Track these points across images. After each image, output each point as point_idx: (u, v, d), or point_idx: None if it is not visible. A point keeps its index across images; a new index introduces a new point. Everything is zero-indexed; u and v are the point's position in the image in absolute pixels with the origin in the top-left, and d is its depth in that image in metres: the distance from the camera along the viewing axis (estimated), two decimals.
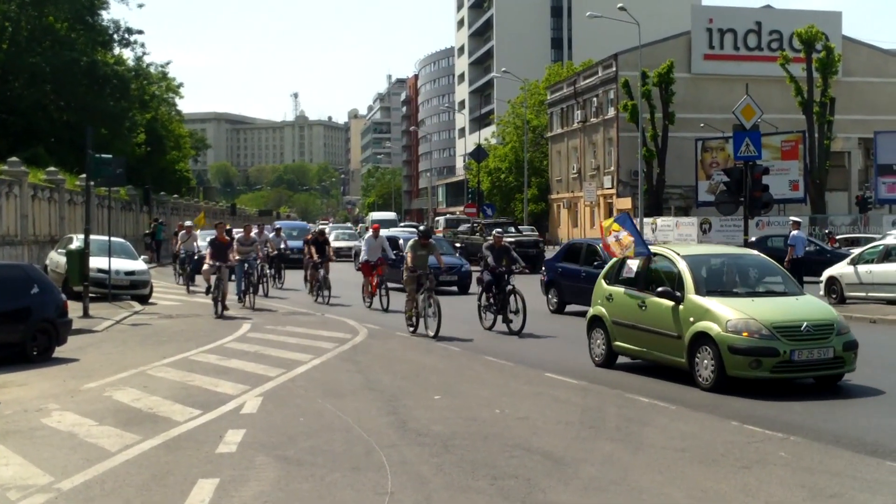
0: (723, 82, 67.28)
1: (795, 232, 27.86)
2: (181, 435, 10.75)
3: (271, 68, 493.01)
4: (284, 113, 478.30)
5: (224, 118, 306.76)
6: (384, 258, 26.53)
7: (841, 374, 13.68)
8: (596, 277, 17.20)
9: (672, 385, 13.89)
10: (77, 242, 26.97)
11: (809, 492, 8.45)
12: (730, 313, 13.31)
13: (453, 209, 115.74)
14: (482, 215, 73.33)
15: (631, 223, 15.96)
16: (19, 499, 8.33)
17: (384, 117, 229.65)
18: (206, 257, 25.62)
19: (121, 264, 28.31)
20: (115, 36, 61.24)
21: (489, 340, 19.39)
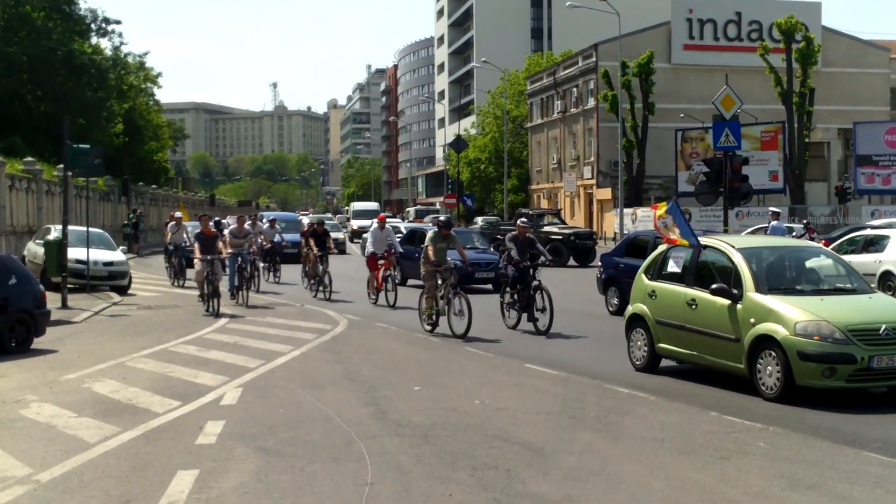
0: (703, 73, 67.35)
1: (775, 222, 27.94)
2: (160, 426, 10.71)
3: (250, 58, 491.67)
4: (263, 103, 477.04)
5: (203, 108, 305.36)
6: (391, 250, 24.60)
7: None
8: None
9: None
10: (55, 233, 26.84)
11: (788, 482, 8.49)
12: (798, 314, 11.86)
13: (433, 199, 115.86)
14: (461, 206, 73.47)
15: (679, 212, 14.55)
16: None
17: (364, 107, 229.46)
18: (195, 252, 23.21)
19: (99, 255, 28.17)
20: (93, 25, 61.09)
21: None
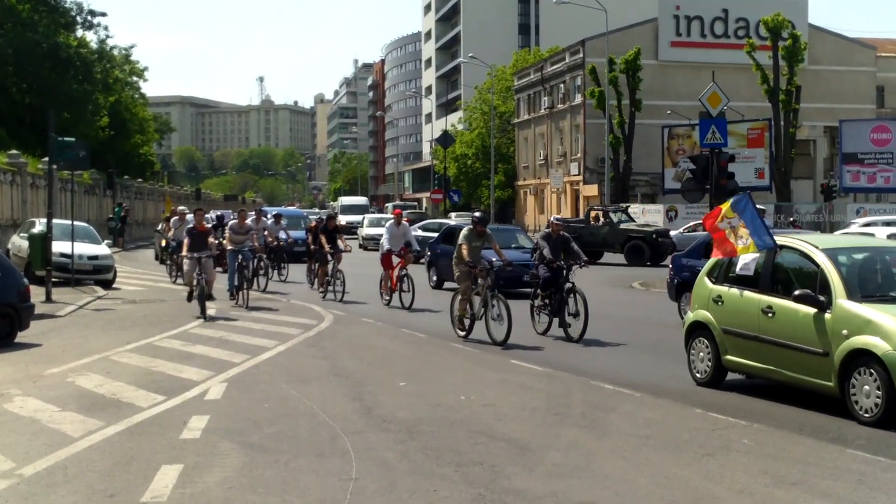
0: (689, 69, 67.47)
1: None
2: (145, 421, 10.67)
3: (237, 52, 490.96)
4: (250, 97, 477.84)
5: (189, 102, 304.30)
6: (408, 248, 23.25)
7: None
8: None
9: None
10: (40, 226, 26.74)
11: (772, 478, 8.50)
12: None
13: (419, 195, 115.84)
14: (448, 201, 73.51)
15: (752, 207, 12.50)
16: None
17: (350, 102, 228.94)
18: (184, 249, 21.47)
19: (84, 249, 28.06)
20: (78, 18, 60.72)
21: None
